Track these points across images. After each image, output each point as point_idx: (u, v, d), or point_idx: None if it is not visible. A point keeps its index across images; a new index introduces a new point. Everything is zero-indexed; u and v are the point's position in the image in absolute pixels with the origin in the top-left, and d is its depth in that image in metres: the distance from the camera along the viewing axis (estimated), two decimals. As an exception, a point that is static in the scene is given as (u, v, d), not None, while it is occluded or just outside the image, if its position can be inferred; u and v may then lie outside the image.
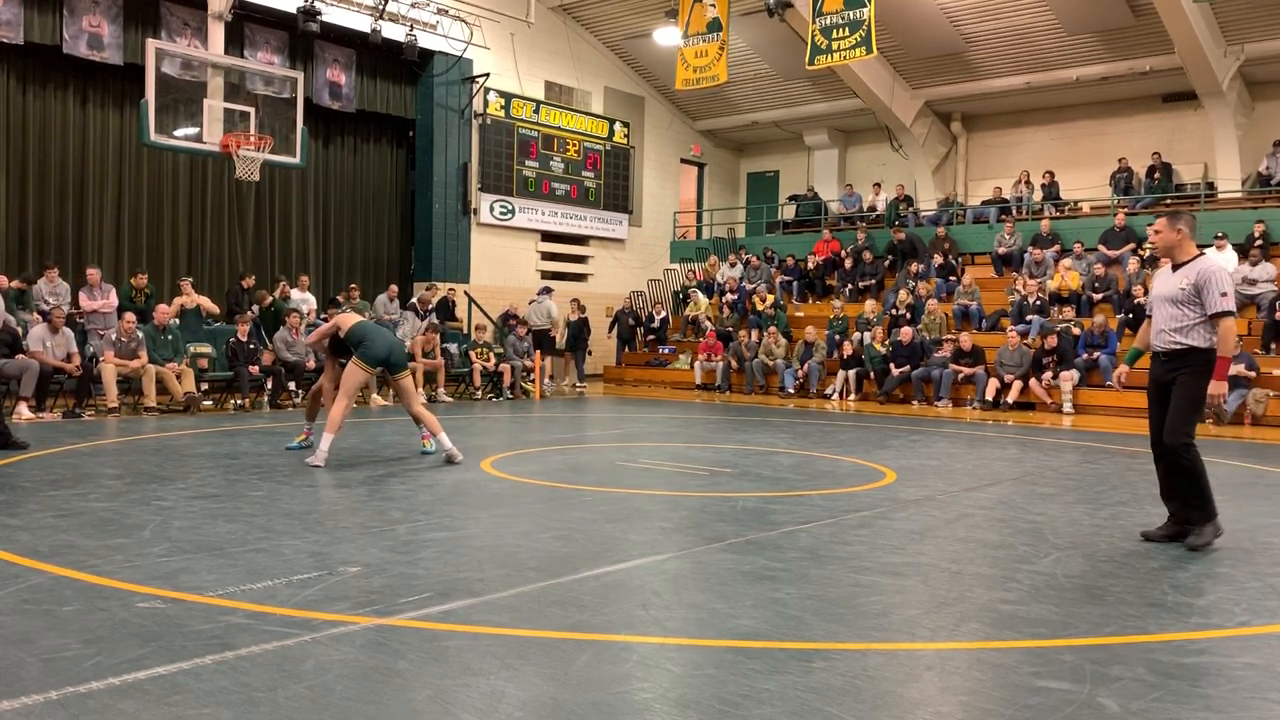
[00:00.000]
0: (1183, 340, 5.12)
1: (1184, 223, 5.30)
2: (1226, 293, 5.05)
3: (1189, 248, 5.29)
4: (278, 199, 17.30)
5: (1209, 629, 3.75)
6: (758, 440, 9.95)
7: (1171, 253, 5.30)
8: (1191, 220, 5.34)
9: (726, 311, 19.11)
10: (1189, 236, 5.29)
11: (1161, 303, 5.24)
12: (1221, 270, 5.10)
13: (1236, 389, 12.85)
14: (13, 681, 2.91)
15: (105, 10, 14.50)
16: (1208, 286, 5.07)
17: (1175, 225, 5.27)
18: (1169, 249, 5.31)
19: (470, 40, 18.09)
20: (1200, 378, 5.16)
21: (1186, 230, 5.29)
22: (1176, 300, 5.15)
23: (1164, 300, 5.22)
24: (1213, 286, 5.06)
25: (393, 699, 2.85)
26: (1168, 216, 5.34)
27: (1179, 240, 5.27)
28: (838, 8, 16.11)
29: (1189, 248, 5.29)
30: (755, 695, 2.94)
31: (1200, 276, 5.10)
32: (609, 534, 5.21)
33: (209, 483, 6.59)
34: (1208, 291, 5.06)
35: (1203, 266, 5.13)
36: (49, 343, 11.19)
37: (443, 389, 14.68)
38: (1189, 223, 5.32)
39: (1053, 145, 20.15)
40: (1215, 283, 5.06)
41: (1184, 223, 5.30)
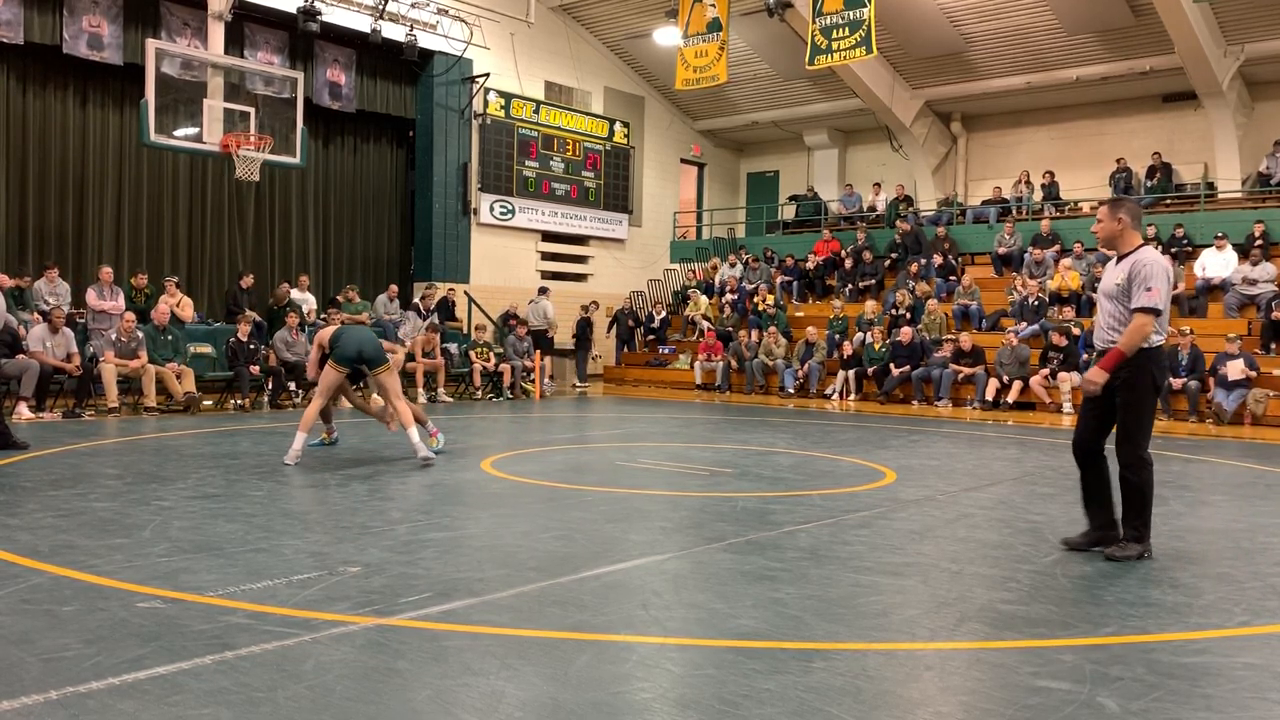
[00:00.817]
0: (1118, 338, 4.77)
1: (1125, 211, 4.93)
2: (1153, 288, 4.67)
3: (1131, 238, 4.91)
4: (278, 199, 17.30)
5: (1209, 629, 3.75)
6: (758, 440, 9.95)
7: (1113, 243, 4.96)
8: (1134, 208, 4.98)
9: (727, 311, 19.11)
10: (1131, 226, 4.91)
11: (1101, 298, 4.97)
12: (1156, 264, 4.73)
13: (1237, 389, 12.86)
14: (13, 681, 2.91)
15: (105, 10, 14.50)
16: (1136, 279, 4.73)
17: (1116, 214, 4.92)
18: (1110, 239, 4.96)
19: (470, 40, 18.09)
20: (1141, 384, 4.76)
21: (1128, 219, 4.91)
22: (1113, 295, 4.84)
23: (1103, 295, 4.94)
24: (1142, 279, 4.70)
25: (393, 699, 2.85)
26: (1109, 204, 5.00)
27: (1119, 230, 4.91)
28: (838, 8, 16.11)
29: (1131, 238, 4.91)
30: (755, 695, 2.94)
31: (1133, 269, 4.76)
32: (609, 534, 5.21)
33: (209, 483, 6.59)
34: (1136, 283, 4.72)
35: (1137, 258, 4.78)
36: (49, 343, 11.18)
37: (443, 389, 14.68)
38: (1131, 211, 4.95)
39: (1053, 145, 20.15)
40: (1145, 276, 4.70)
41: (1125, 211, 4.93)
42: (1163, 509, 6.36)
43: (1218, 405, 12.87)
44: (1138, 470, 4.78)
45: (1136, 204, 5.08)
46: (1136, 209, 4.97)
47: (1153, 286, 4.66)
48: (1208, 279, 15.27)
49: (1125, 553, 4.80)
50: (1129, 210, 4.92)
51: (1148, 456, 4.79)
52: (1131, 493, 4.80)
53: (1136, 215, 4.93)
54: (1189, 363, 13.23)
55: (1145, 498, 4.80)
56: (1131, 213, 4.91)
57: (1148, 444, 4.82)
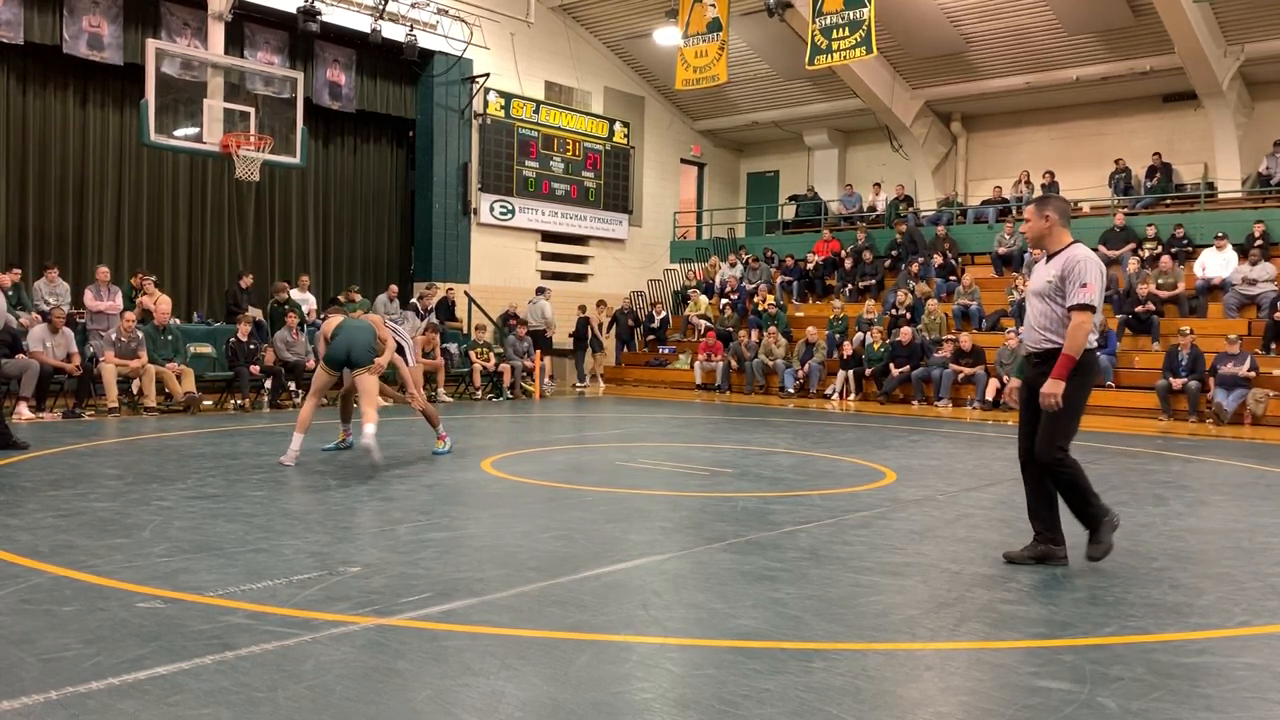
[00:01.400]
0: (1051, 338, 4.60)
1: (1053, 208, 4.76)
2: (1088, 284, 4.49)
3: (1060, 236, 4.74)
4: (278, 199, 17.29)
5: (1209, 629, 3.75)
6: (758, 440, 9.95)
7: (1042, 242, 4.78)
8: (1062, 206, 4.80)
9: (727, 311, 19.11)
10: (1059, 223, 4.74)
11: (1031, 297, 4.78)
12: (1089, 261, 4.57)
13: (1237, 389, 12.86)
14: (13, 681, 2.91)
15: (105, 10, 14.49)
16: (1070, 277, 4.54)
17: (1043, 211, 4.75)
18: (1038, 238, 4.79)
19: (470, 40, 18.09)
20: (1070, 383, 4.55)
21: (1056, 216, 4.74)
22: (1043, 294, 4.65)
23: (1033, 294, 4.75)
24: (1075, 277, 4.53)
25: (393, 699, 2.85)
26: (1035, 203, 4.82)
27: (1047, 228, 4.74)
28: (838, 8, 16.11)
29: (1060, 236, 4.74)
30: (755, 695, 2.94)
31: (1065, 267, 4.57)
32: (609, 534, 5.21)
33: (209, 483, 6.59)
34: (1069, 281, 4.54)
35: (1069, 255, 4.60)
36: (49, 343, 11.18)
37: (443, 389, 14.68)
38: (1059, 208, 4.77)
39: (1053, 145, 20.15)
40: (1079, 273, 4.52)
41: (1053, 208, 4.76)
42: (1162, 509, 6.37)
43: (1218, 405, 12.87)
44: (1060, 469, 4.60)
45: (1064, 201, 4.90)
46: (1064, 206, 4.83)
47: (1088, 283, 4.50)
48: (1208, 279, 15.27)
49: (1099, 548, 4.63)
50: (1056, 208, 4.77)
51: (1067, 456, 4.59)
52: (1064, 488, 4.64)
53: (1064, 213, 4.78)
54: (1189, 363, 13.23)
55: (1080, 486, 4.63)
56: (1059, 210, 4.76)
57: (1068, 444, 4.62)
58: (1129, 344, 14.96)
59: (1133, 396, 13.90)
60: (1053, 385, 4.50)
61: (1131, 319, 15.07)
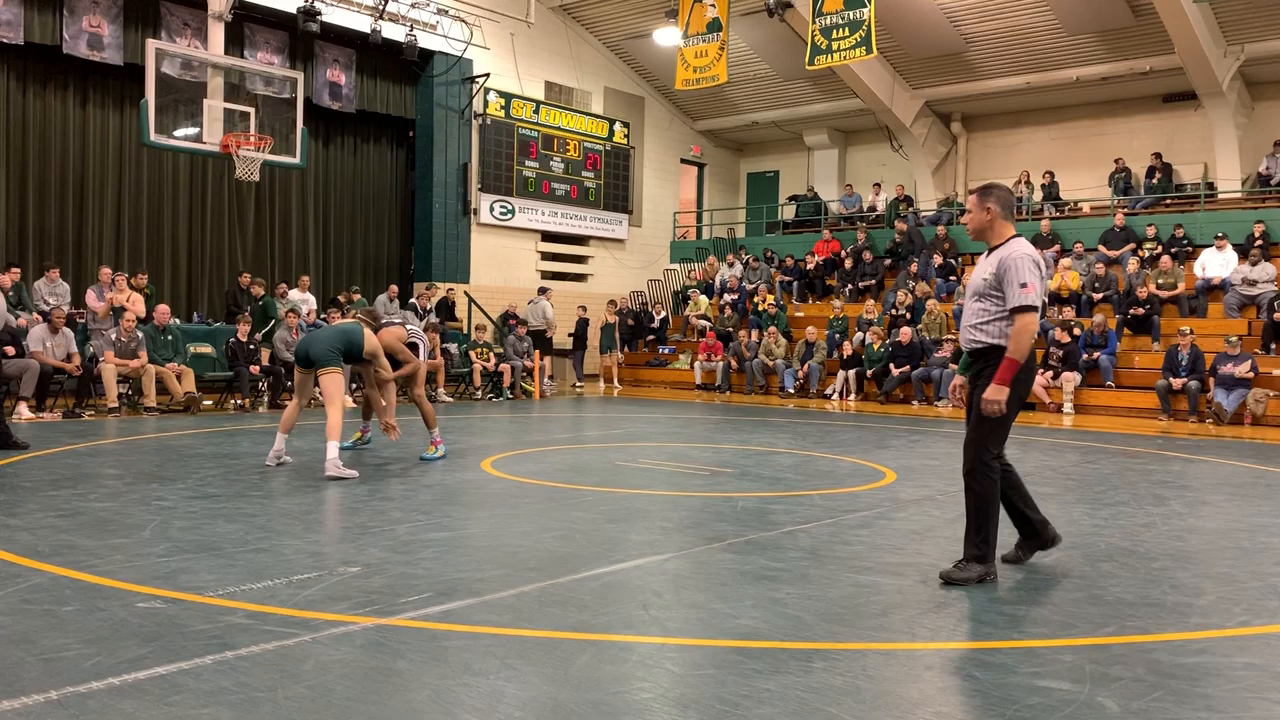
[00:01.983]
0: (983, 337, 4.36)
1: (994, 199, 4.45)
2: (1027, 283, 4.23)
3: (1002, 229, 4.44)
4: (278, 199, 17.30)
5: (1209, 629, 3.75)
6: (758, 440, 9.95)
7: (983, 235, 4.49)
8: (1005, 196, 4.49)
9: (727, 311, 19.11)
10: (1001, 216, 4.43)
11: (968, 294, 4.51)
12: (1026, 257, 4.29)
13: (1237, 389, 12.86)
14: (13, 681, 2.91)
15: (105, 10, 14.50)
16: (1007, 275, 4.27)
17: (984, 203, 4.45)
18: (979, 230, 4.50)
19: (470, 40, 18.09)
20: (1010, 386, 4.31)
21: (997, 208, 4.43)
22: (980, 291, 4.40)
23: (970, 291, 4.49)
24: (1013, 275, 4.25)
25: (393, 699, 2.85)
26: (977, 193, 4.53)
27: (989, 220, 4.45)
28: (838, 8, 16.11)
29: (1002, 229, 4.44)
30: (755, 695, 2.94)
31: (1002, 264, 4.30)
32: (609, 534, 5.21)
33: (209, 483, 6.59)
34: (1007, 281, 4.26)
35: (1006, 253, 4.33)
36: (49, 343, 11.19)
37: (443, 389, 14.68)
38: (1001, 199, 4.46)
39: (1053, 145, 20.15)
40: (1016, 271, 4.25)
41: (994, 199, 4.45)
42: (1162, 509, 6.37)
43: (1218, 405, 12.87)
44: (980, 477, 4.36)
45: (1008, 191, 4.54)
46: (1007, 197, 4.50)
47: (1027, 282, 4.24)
48: (1208, 279, 15.27)
49: (964, 574, 4.31)
50: (999, 198, 4.45)
51: (995, 464, 4.37)
52: (973, 503, 4.37)
53: (1007, 204, 4.47)
54: (1189, 363, 13.23)
55: (986, 512, 4.34)
56: (1001, 201, 4.45)
57: (1000, 450, 4.41)
58: (1129, 344, 14.96)
59: (1133, 396, 13.91)
60: (995, 391, 4.25)
61: (1131, 319, 15.07)
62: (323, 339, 7.44)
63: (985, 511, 4.34)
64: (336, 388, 7.31)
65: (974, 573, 4.32)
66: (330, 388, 7.29)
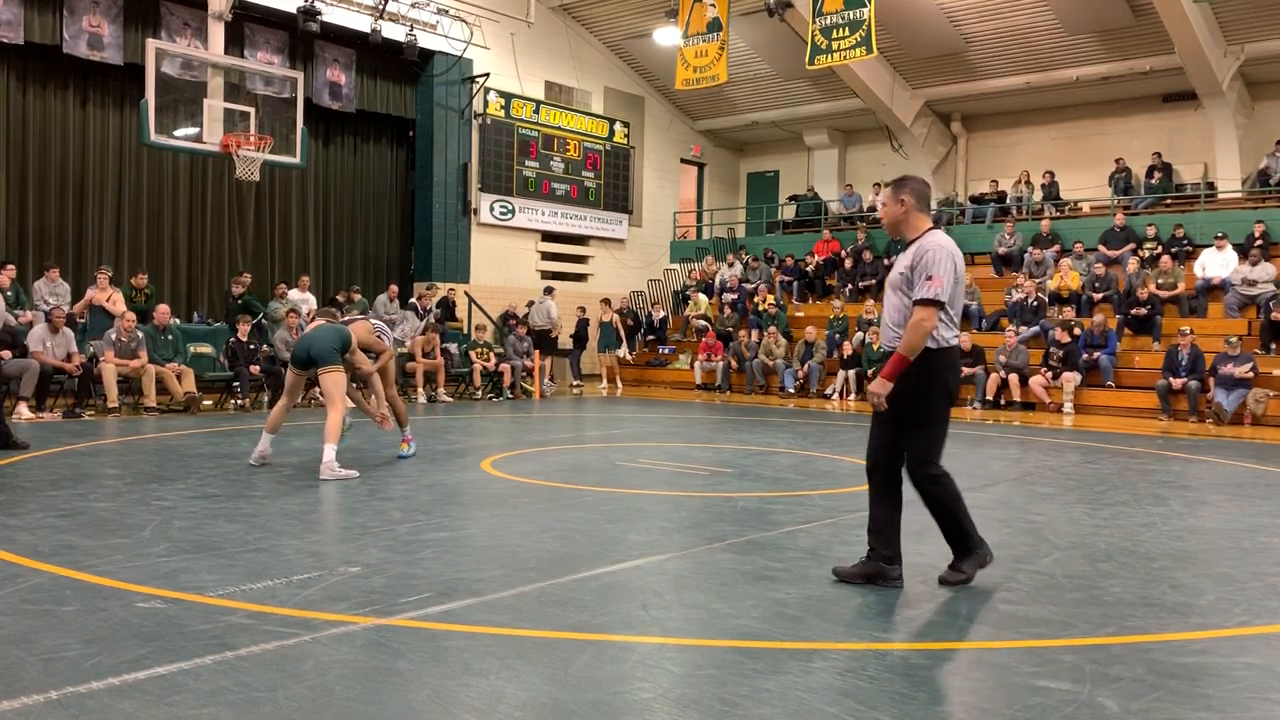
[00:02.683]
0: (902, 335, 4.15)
1: (908, 191, 4.26)
2: (934, 276, 4.01)
3: (918, 222, 4.24)
4: (278, 199, 17.29)
5: (1209, 629, 3.75)
6: (758, 440, 9.95)
7: (898, 229, 4.31)
8: (919, 188, 4.29)
9: (727, 311, 19.11)
10: (915, 208, 4.24)
11: (888, 290, 4.31)
12: (940, 250, 4.07)
13: (1237, 389, 12.86)
14: (13, 681, 2.91)
15: (105, 10, 14.49)
16: (918, 268, 4.08)
17: (898, 195, 4.27)
18: (894, 225, 4.32)
19: (470, 40, 18.09)
20: (931, 393, 4.13)
21: (912, 200, 4.24)
22: (897, 286, 4.20)
23: (889, 287, 4.29)
24: (922, 268, 4.06)
25: (393, 699, 2.85)
26: (891, 185, 4.35)
27: (902, 213, 4.26)
28: (838, 8, 16.11)
29: (918, 222, 4.24)
30: (755, 695, 2.94)
31: (915, 257, 4.12)
32: (609, 534, 5.21)
33: (209, 483, 6.59)
34: (918, 272, 4.08)
35: (921, 245, 4.13)
36: (49, 342, 11.19)
37: (443, 389, 14.69)
38: (915, 190, 4.26)
39: (1053, 145, 20.15)
40: (926, 264, 4.05)
41: (908, 191, 4.26)
42: (1162, 509, 6.37)
43: (1218, 405, 12.87)
44: (933, 484, 4.20)
45: (923, 182, 4.35)
46: (922, 188, 4.30)
47: (934, 275, 4.01)
48: (1208, 279, 15.27)
49: (958, 575, 4.27)
50: (913, 190, 4.26)
51: (938, 472, 4.21)
52: (936, 507, 4.26)
53: (922, 195, 4.27)
54: (1189, 363, 13.23)
55: (952, 508, 4.24)
56: (916, 193, 4.26)
57: (938, 458, 4.24)
58: (1129, 344, 14.96)
59: (1133, 396, 13.91)
60: (879, 384, 4.11)
61: (1131, 319, 15.07)
62: (323, 338, 7.39)
63: (950, 511, 4.24)
64: (338, 388, 7.25)
65: (970, 569, 4.28)
66: (331, 388, 7.22)
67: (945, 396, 4.18)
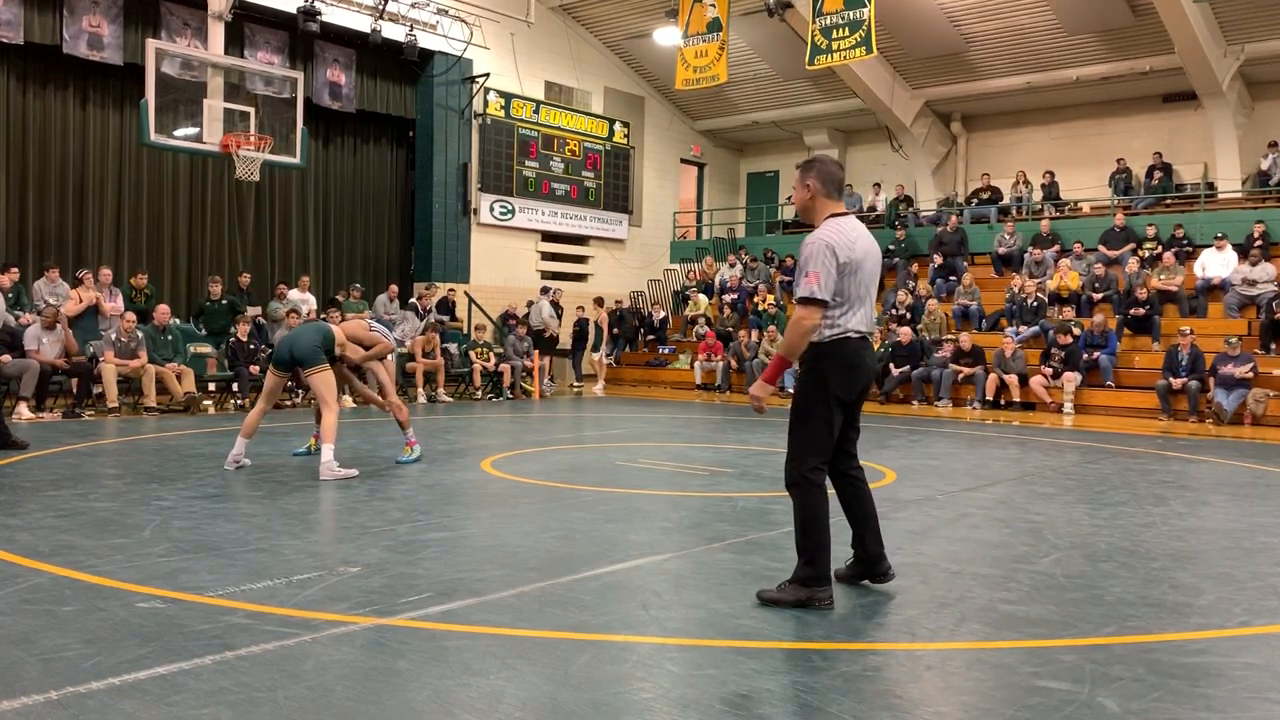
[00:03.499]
0: None
1: (815, 175, 3.90)
2: (812, 272, 3.71)
3: (824, 207, 3.90)
4: (278, 199, 17.29)
5: (1209, 629, 3.75)
6: (758, 440, 9.95)
7: (808, 215, 3.96)
8: (827, 170, 3.91)
9: (727, 311, 19.11)
10: (823, 193, 3.90)
11: None
12: (816, 243, 3.75)
13: (1237, 389, 12.85)
14: (13, 681, 2.91)
15: (105, 10, 14.49)
16: (799, 264, 3.82)
17: (804, 179, 3.93)
18: (804, 210, 3.98)
19: (470, 40, 18.08)
20: (808, 389, 3.85)
21: (817, 184, 3.89)
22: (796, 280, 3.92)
23: None
24: (800, 265, 3.80)
25: (393, 699, 2.85)
26: (799, 169, 3.99)
27: (809, 200, 3.93)
28: (838, 8, 16.11)
29: (824, 207, 3.90)
30: (755, 695, 2.94)
31: (802, 249, 3.82)
32: (609, 534, 5.21)
33: (209, 483, 6.59)
34: (798, 270, 3.83)
35: (810, 238, 3.82)
36: (44, 340, 11.20)
37: (443, 389, 14.68)
38: (823, 174, 3.90)
39: (1053, 145, 20.15)
40: (804, 260, 3.78)
41: (815, 175, 3.90)
42: (1162, 509, 6.38)
43: (1218, 405, 12.87)
44: (801, 490, 3.84)
45: (834, 164, 3.98)
46: (830, 171, 3.93)
47: (810, 270, 3.71)
48: (1208, 279, 15.27)
49: (779, 595, 3.85)
50: (820, 174, 3.90)
51: (814, 477, 3.83)
52: (795, 516, 3.89)
53: (830, 178, 3.91)
54: (1189, 363, 13.23)
55: (808, 528, 3.82)
56: (823, 176, 3.90)
57: (817, 461, 3.85)
58: (1129, 344, 14.96)
59: (1133, 396, 13.90)
60: (757, 387, 3.90)
61: (1131, 319, 15.07)
62: (304, 337, 7.25)
63: (807, 527, 3.83)
64: (328, 388, 7.16)
65: (790, 594, 3.83)
66: (322, 388, 7.13)
67: (822, 394, 3.83)
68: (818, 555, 3.81)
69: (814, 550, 3.81)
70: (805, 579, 3.82)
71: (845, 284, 3.79)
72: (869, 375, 3.97)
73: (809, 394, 3.86)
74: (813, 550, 3.81)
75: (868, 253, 3.87)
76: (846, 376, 3.86)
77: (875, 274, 3.94)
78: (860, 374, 3.91)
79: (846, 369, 3.85)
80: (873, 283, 3.93)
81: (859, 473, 4.14)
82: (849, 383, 3.88)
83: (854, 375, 3.88)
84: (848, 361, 3.85)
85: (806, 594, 3.81)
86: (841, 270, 3.76)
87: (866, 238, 3.89)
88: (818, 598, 3.81)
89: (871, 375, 4.01)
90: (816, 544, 3.81)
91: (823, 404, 3.84)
